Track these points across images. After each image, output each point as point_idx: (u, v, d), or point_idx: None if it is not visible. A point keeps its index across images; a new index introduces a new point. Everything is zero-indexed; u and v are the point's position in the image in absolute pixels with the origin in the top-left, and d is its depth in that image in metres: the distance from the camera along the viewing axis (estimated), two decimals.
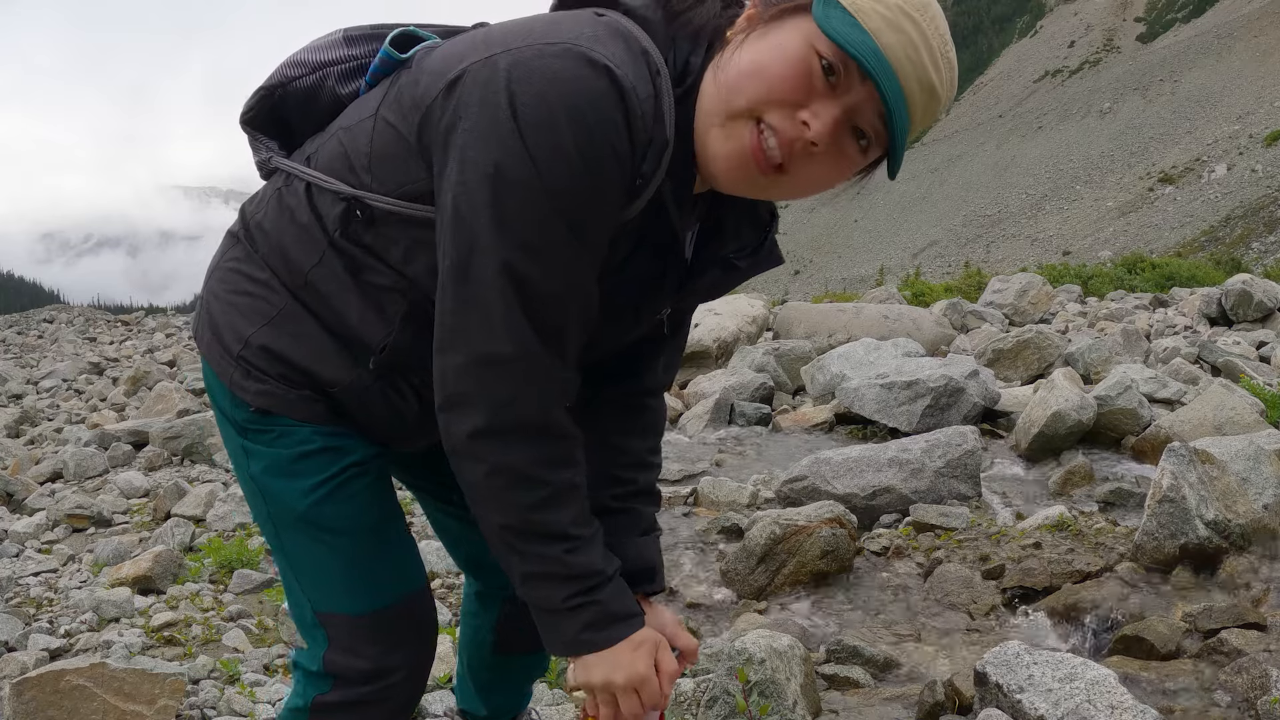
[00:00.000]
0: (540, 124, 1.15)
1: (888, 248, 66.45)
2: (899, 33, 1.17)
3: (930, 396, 4.75)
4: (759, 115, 1.21)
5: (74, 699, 2.51)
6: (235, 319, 1.42)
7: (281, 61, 1.48)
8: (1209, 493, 2.95)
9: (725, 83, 1.23)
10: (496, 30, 1.28)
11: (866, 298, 11.36)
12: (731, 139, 1.23)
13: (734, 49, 1.23)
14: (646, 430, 1.62)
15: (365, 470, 1.46)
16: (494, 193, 1.17)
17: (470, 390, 1.26)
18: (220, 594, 3.77)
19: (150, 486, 5.47)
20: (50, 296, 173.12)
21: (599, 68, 1.16)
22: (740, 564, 3.29)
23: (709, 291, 1.49)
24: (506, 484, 1.29)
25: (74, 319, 23.83)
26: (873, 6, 1.18)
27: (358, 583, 1.48)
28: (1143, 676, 2.46)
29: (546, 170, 1.16)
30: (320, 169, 1.37)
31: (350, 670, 1.49)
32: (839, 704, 2.51)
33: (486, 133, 1.17)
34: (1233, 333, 8.11)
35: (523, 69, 1.16)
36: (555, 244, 1.20)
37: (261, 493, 1.47)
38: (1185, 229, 48.97)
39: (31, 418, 9.45)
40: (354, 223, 1.33)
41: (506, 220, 1.18)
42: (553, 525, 1.32)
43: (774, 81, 1.20)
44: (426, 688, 2.60)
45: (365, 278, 1.35)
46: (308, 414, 1.41)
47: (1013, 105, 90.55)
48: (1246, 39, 73.15)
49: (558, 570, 1.33)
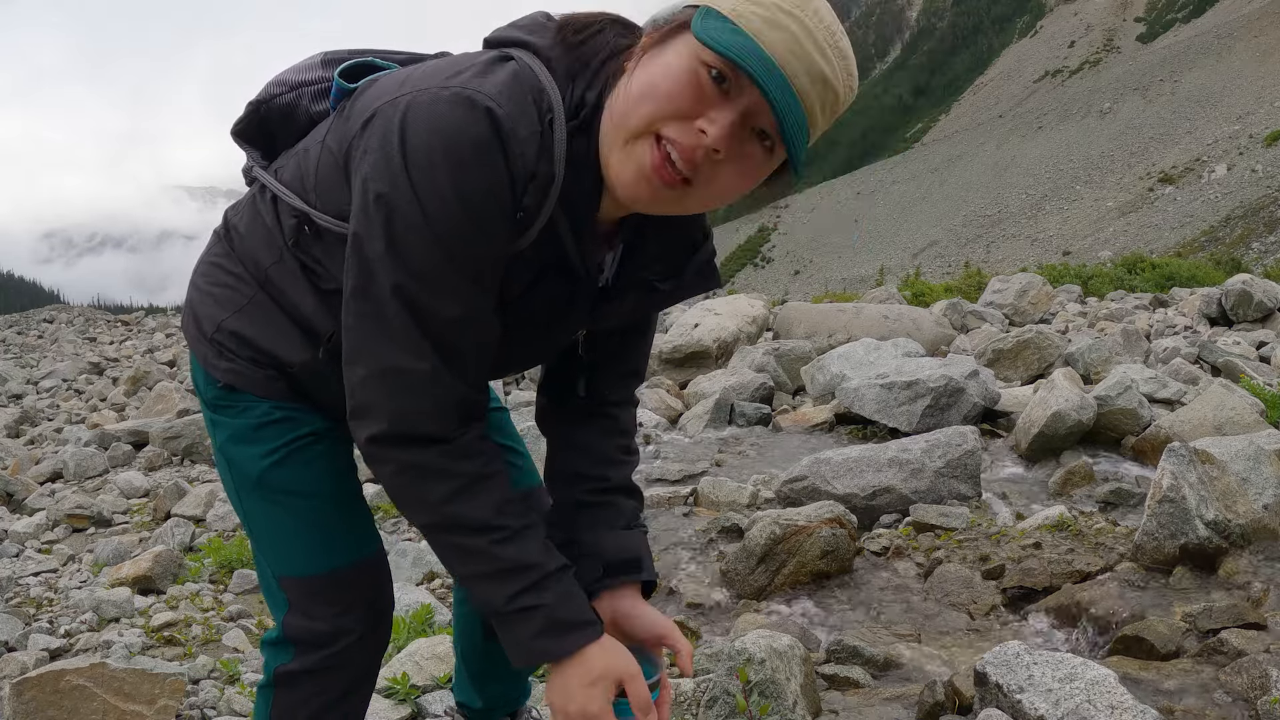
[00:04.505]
0: (422, 165, 1.25)
1: (888, 248, 66.44)
2: (779, 29, 1.21)
3: (930, 396, 4.75)
4: (657, 131, 1.26)
5: (74, 699, 2.52)
6: (212, 307, 1.57)
7: (269, 80, 1.64)
8: (1209, 493, 2.95)
9: (620, 108, 1.29)
10: (417, 71, 1.38)
11: (866, 298, 11.36)
12: (632, 159, 1.28)
13: (627, 76, 1.29)
14: (611, 432, 1.67)
15: (320, 439, 1.58)
16: (386, 222, 1.27)
17: (373, 400, 1.35)
18: (220, 594, 3.77)
19: (150, 486, 5.48)
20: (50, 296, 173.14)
21: (479, 109, 1.25)
22: (740, 564, 3.29)
23: (631, 312, 1.55)
24: (416, 479, 1.37)
25: (74, 319, 23.84)
26: (750, 9, 1.22)
27: (314, 544, 1.58)
28: (1143, 676, 2.46)
29: (427, 205, 1.25)
30: (284, 183, 1.52)
31: (308, 634, 1.60)
32: (839, 704, 2.50)
33: (382, 170, 1.27)
34: (1233, 333, 8.11)
35: (415, 111, 1.27)
36: (440, 271, 1.29)
37: (227, 461, 1.60)
38: (1185, 229, 48.97)
39: (31, 418, 9.45)
40: (304, 235, 1.47)
41: (396, 244, 1.28)
42: (471, 516, 1.37)
43: (665, 97, 1.25)
44: (428, 688, 2.61)
45: (315, 281, 1.49)
46: (270, 391, 1.55)
47: (1013, 105, 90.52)
48: (1246, 39, 73.15)
49: (487, 565, 1.38)
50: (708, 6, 1.25)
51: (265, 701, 1.65)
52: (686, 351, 7.27)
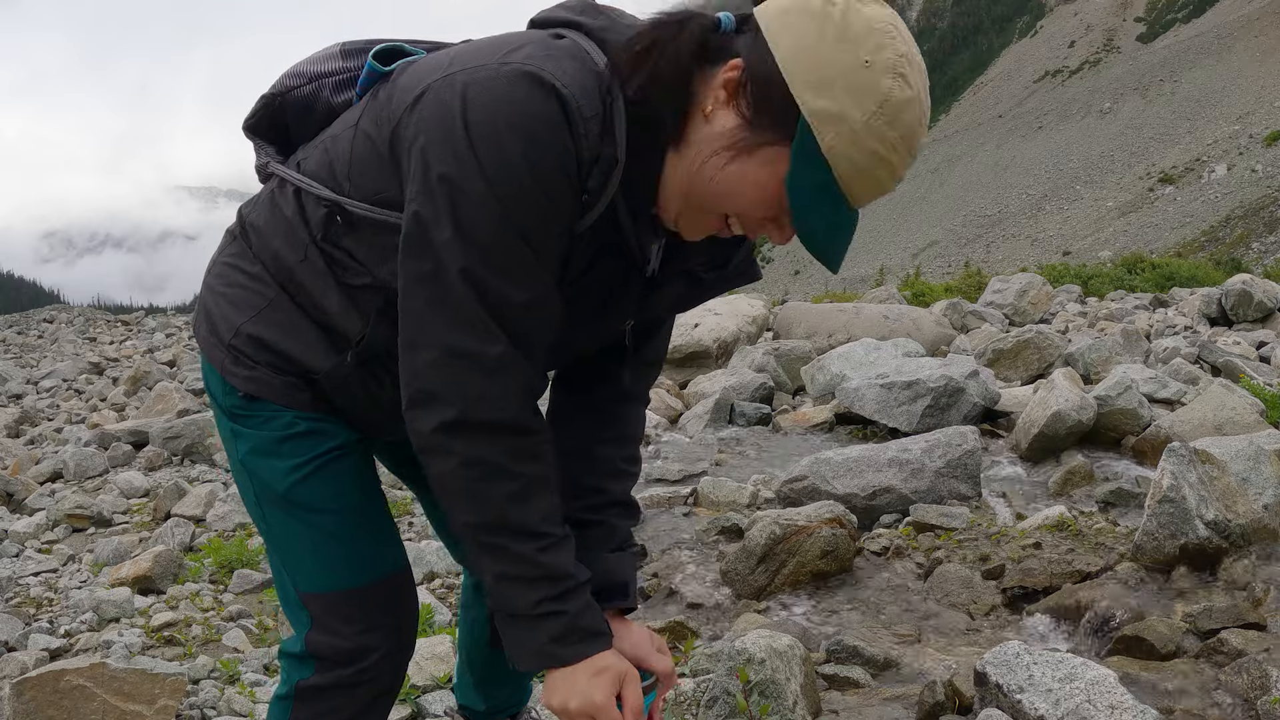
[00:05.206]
0: (490, 139, 1.22)
1: (888, 248, 66.43)
2: (868, 177, 1.24)
3: (930, 396, 4.75)
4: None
5: (74, 699, 2.51)
6: (228, 310, 1.50)
7: (283, 72, 1.57)
8: (1209, 493, 2.95)
9: (700, 192, 1.30)
10: (463, 49, 1.35)
11: (866, 298, 11.37)
12: (697, 221, 1.35)
13: (716, 158, 1.27)
14: (621, 439, 1.63)
15: (347, 453, 1.53)
16: (451, 201, 1.24)
17: (439, 385, 1.30)
18: (220, 594, 3.77)
19: (150, 486, 5.47)
20: (50, 296, 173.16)
21: (545, 86, 1.23)
22: (740, 564, 3.29)
23: (676, 304, 1.54)
24: (480, 475, 1.32)
25: (74, 319, 23.84)
26: (849, 152, 1.21)
27: (338, 560, 1.53)
28: (1143, 676, 2.46)
29: (497, 181, 1.22)
30: (308, 174, 1.45)
31: (331, 650, 1.54)
32: (839, 704, 2.50)
33: (443, 146, 1.24)
34: (1233, 333, 8.12)
35: (476, 88, 1.24)
36: (510, 249, 1.26)
37: (249, 474, 1.54)
38: (1185, 229, 48.99)
39: (31, 418, 9.45)
40: (334, 227, 1.41)
41: (463, 226, 1.24)
42: (525, 520, 1.34)
43: (746, 207, 1.30)
44: (427, 687, 2.61)
45: (344, 276, 1.43)
46: (293, 400, 1.48)
47: (1013, 105, 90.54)
48: (1246, 39, 73.15)
49: (528, 570, 1.35)
50: (809, 129, 1.21)
51: (283, 712, 1.60)
52: (686, 351, 7.27)
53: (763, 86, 1.23)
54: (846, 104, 1.19)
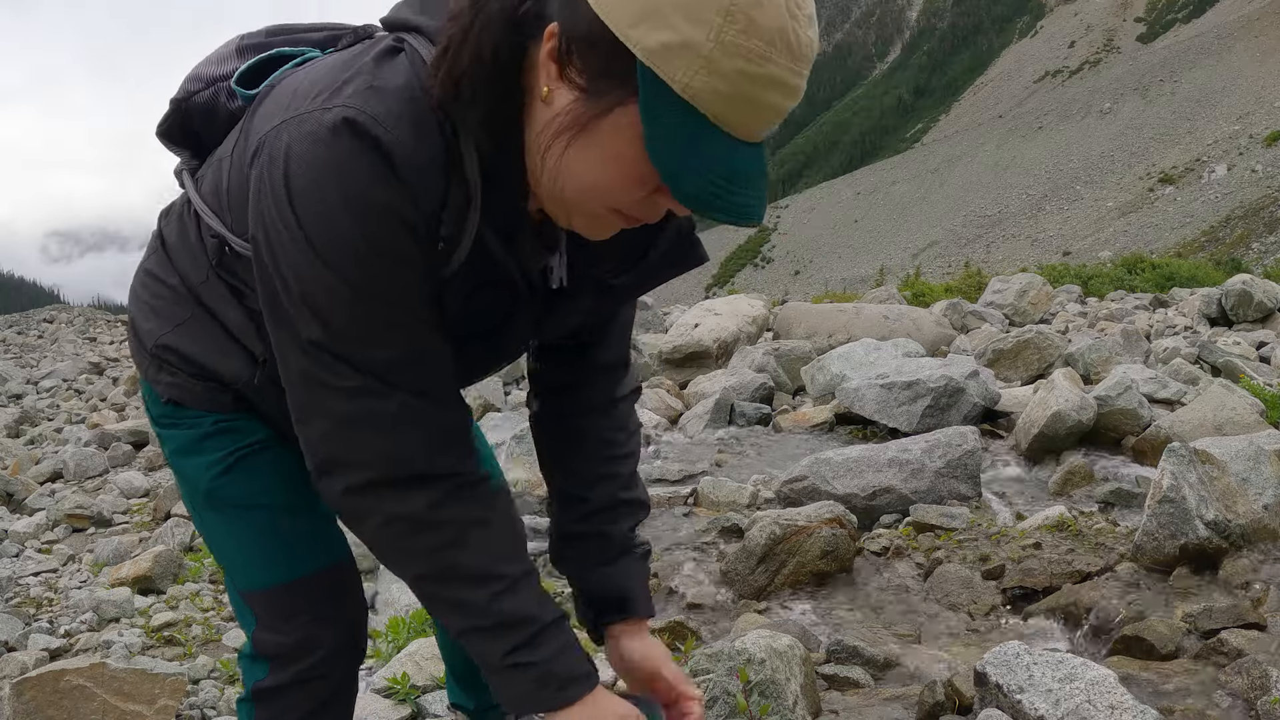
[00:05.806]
0: (319, 218, 1.11)
1: (888, 248, 66.45)
2: (744, 106, 1.03)
3: (930, 397, 4.75)
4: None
5: (74, 699, 2.52)
6: (151, 320, 1.49)
7: (187, 74, 1.49)
8: (1209, 493, 2.95)
9: (560, 189, 1.14)
10: (304, 79, 1.22)
11: (866, 298, 11.36)
12: (590, 223, 1.18)
13: (555, 145, 1.10)
14: (596, 445, 1.56)
15: (267, 447, 1.49)
16: (296, 277, 1.15)
17: (339, 452, 1.23)
18: (220, 594, 3.77)
19: (150, 486, 5.47)
20: (50, 296, 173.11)
21: (368, 140, 1.09)
22: (740, 564, 3.30)
23: (590, 312, 1.41)
24: (403, 532, 1.26)
25: (74, 319, 23.84)
26: (709, 84, 1.00)
27: (272, 555, 1.50)
28: (1143, 676, 2.46)
29: (334, 262, 1.13)
30: (205, 197, 1.39)
31: (277, 648, 1.53)
32: (839, 704, 2.50)
33: (277, 228, 1.14)
34: (1233, 333, 8.11)
35: (297, 155, 1.12)
36: (367, 318, 1.17)
37: (179, 475, 1.53)
38: (1185, 229, 49.00)
39: (31, 418, 9.45)
40: (225, 256, 1.37)
41: (308, 303, 1.16)
42: (470, 565, 1.27)
43: (615, 191, 1.11)
44: (428, 688, 2.61)
45: (245, 300, 1.39)
46: (213, 404, 1.47)
47: (1013, 105, 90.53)
48: (1246, 39, 73.15)
49: (484, 619, 1.28)
50: (653, 75, 1.01)
51: (246, 715, 1.60)
52: (686, 351, 7.28)
53: (585, 43, 1.04)
54: (685, 28, 0.98)
